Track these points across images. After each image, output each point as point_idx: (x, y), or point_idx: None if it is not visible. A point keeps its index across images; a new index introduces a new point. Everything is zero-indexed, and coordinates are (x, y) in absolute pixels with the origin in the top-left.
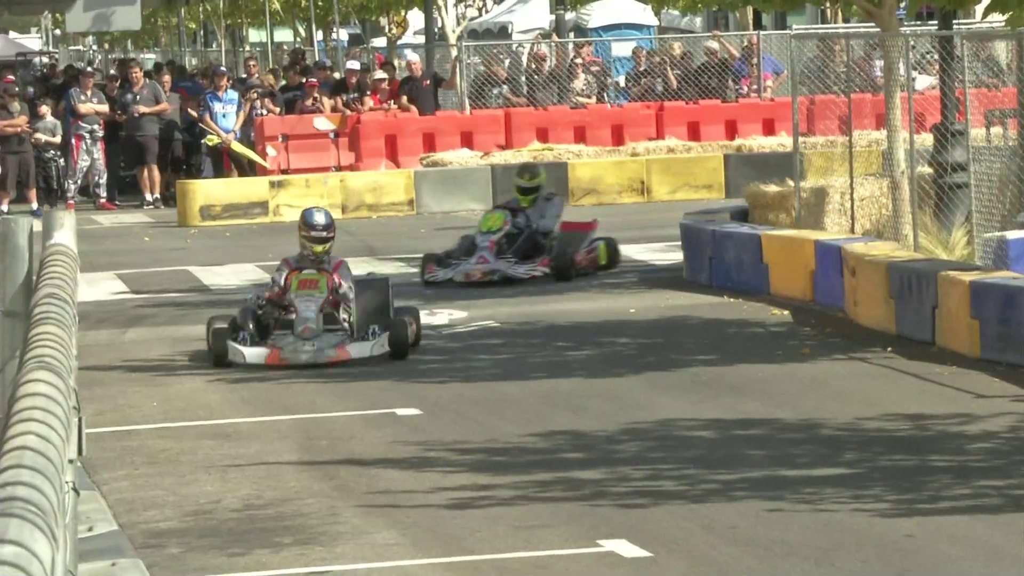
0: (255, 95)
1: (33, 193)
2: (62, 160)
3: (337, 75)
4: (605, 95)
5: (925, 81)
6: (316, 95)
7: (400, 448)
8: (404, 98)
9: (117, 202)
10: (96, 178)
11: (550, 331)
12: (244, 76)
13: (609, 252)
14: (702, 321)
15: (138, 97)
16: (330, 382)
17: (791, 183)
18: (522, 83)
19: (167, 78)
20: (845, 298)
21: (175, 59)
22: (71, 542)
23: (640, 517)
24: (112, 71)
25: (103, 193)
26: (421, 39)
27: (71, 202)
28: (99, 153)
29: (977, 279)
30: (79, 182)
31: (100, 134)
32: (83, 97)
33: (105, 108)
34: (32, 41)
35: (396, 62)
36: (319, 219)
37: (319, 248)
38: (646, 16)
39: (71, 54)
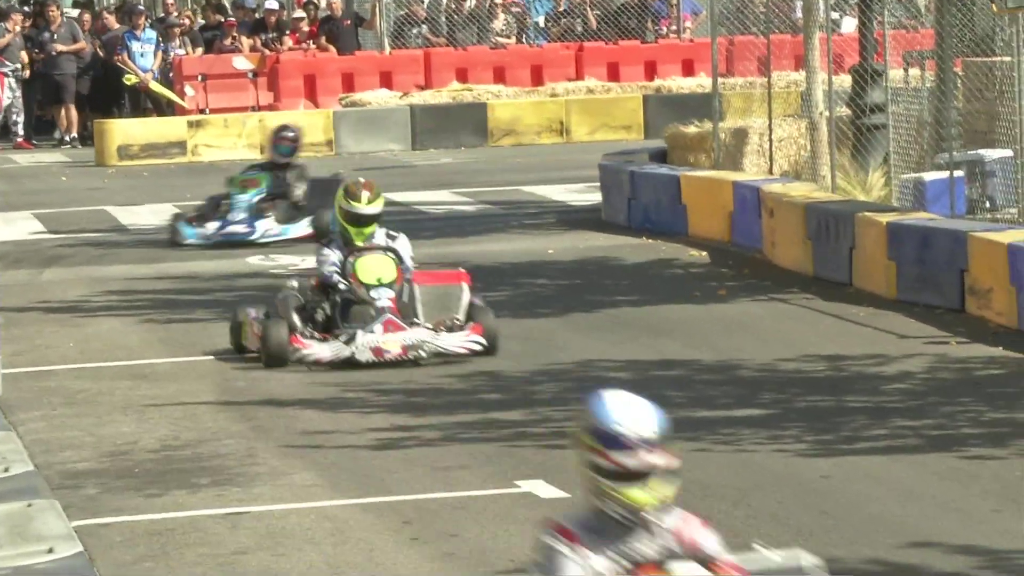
0: (177, 32)
1: None
2: None
3: (257, 15)
4: (525, 36)
5: (851, 23)
6: (235, 34)
7: (318, 389)
8: (323, 38)
9: (35, 141)
10: (14, 116)
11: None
12: (162, 15)
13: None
14: (621, 262)
15: (55, 36)
16: None
17: (710, 124)
18: (442, 23)
19: (87, 17)
20: (763, 239)
21: None
22: None
23: (558, 458)
24: (26, 8)
25: (20, 132)
26: None
27: None
28: (19, 91)
29: (894, 220)
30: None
31: (24, 74)
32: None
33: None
34: None
35: (316, 1)
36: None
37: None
38: None
39: None
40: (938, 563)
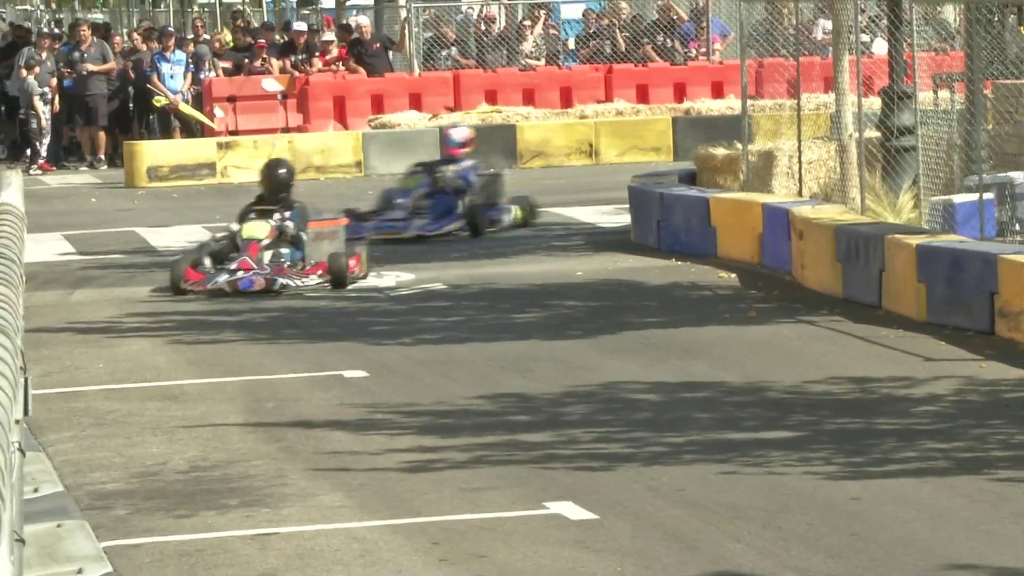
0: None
1: None
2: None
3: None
4: (559, 59)
5: (882, 46)
6: (265, 56)
7: (347, 410)
8: (352, 61)
9: (66, 163)
10: (42, 138)
11: (497, 293)
12: (191, 37)
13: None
14: (650, 284)
15: (86, 56)
16: (277, 343)
17: (739, 146)
18: (471, 45)
19: (117, 38)
20: (792, 261)
21: (119, 19)
22: (17, 503)
23: (587, 479)
24: (55, 30)
25: (43, 153)
26: (371, 0)
27: (43, 162)
28: (49, 115)
29: (924, 242)
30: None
31: (51, 96)
32: (37, 58)
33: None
34: None
35: (352, 21)
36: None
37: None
38: None
39: (18, 13)
40: None
